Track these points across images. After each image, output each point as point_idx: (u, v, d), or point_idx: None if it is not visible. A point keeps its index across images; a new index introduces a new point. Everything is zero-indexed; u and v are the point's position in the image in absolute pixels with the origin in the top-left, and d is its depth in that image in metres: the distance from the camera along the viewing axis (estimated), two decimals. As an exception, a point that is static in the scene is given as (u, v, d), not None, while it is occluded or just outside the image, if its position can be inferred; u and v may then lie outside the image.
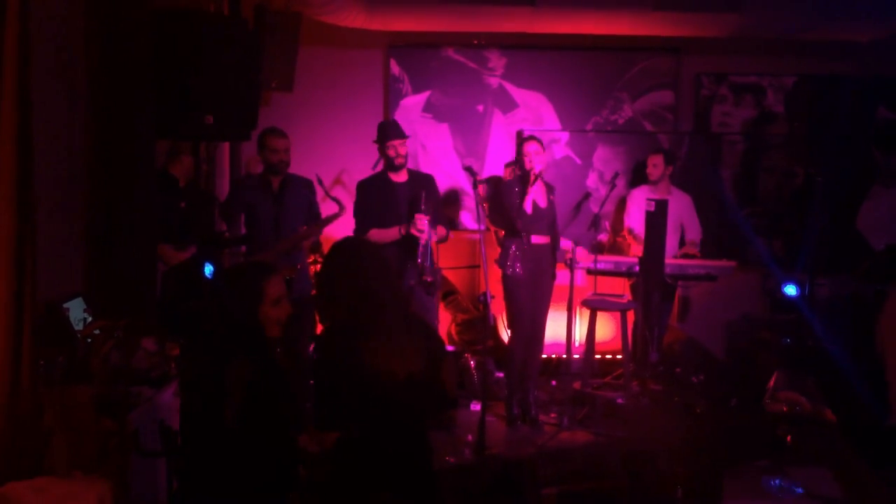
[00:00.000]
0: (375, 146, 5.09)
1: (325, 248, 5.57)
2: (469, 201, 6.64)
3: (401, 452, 2.68)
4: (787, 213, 6.57)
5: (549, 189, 5.38)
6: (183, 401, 2.64)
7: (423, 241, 4.80)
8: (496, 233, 5.99)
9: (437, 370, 2.75)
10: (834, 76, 6.49)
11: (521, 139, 5.33)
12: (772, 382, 4.73)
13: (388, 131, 5.00)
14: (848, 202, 6.33)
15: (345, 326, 2.67)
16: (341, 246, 2.81)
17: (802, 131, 6.12)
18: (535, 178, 5.13)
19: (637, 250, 5.90)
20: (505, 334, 5.79)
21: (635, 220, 6.02)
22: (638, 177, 6.36)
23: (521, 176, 5.25)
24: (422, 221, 4.79)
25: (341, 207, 4.92)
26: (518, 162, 5.34)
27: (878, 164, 6.45)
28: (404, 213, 4.89)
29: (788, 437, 4.35)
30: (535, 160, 5.15)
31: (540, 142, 5.27)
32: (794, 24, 5.98)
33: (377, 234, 4.89)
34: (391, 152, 4.94)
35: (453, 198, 6.65)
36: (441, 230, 5.06)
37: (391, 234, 4.86)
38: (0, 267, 2.51)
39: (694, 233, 5.95)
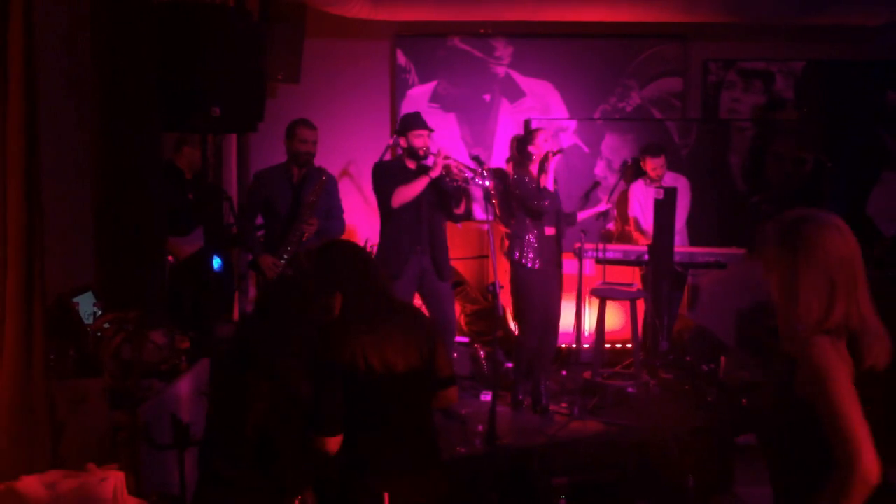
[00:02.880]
0: (384, 136, 5.07)
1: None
2: (476, 191, 6.62)
3: (406, 442, 2.67)
4: (796, 200, 6.53)
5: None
6: (211, 400, 2.65)
7: (454, 165, 4.78)
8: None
9: (432, 354, 2.73)
10: (843, 61, 6.45)
11: (529, 131, 5.29)
12: (722, 365, 5.08)
13: (414, 120, 4.95)
14: (858, 187, 6.29)
15: (328, 324, 2.66)
16: (315, 250, 2.83)
17: (812, 117, 6.09)
18: (555, 154, 5.09)
19: (642, 242, 5.89)
20: (513, 325, 5.78)
21: (639, 211, 5.99)
22: (637, 170, 6.33)
23: (543, 161, 5.22)
24: (435, 148, 4.78)
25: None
26: (522, 151, 5.32)
27: (888, 149, 6.40)
28: (421, 198, 4.86)
29: (744, 401, 4.96)
30: (552, 146, 5.18)
31: (547, 130, 5.31)
32: (803, 8, 5.93)
33: (404, 190, 4.79)
34: (419, 142, 4.87)
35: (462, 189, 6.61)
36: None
37: (419, 183, 4.77)
38: (10, 262, 2.51)
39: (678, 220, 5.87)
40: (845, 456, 1.84)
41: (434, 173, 4.76)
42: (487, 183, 4.85)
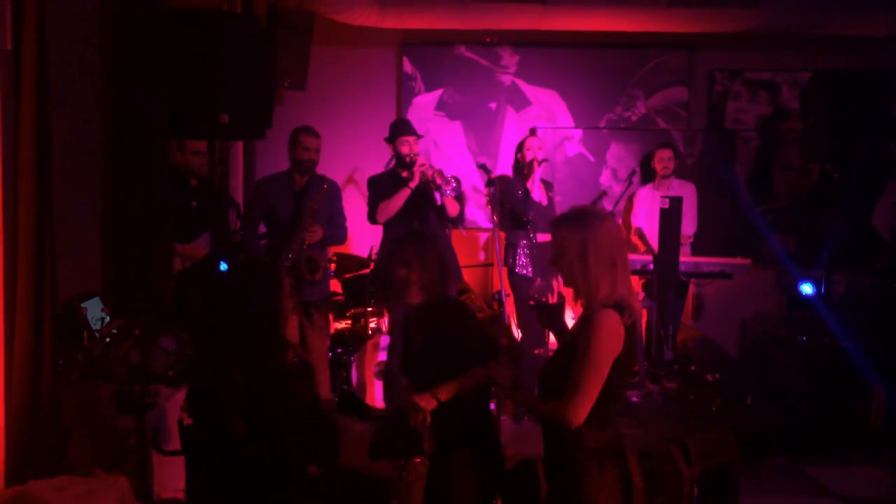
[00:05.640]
0: (388, 145, 5.08)
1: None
2: (483, 199, 6.63)
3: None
4: (802, 210, 6.53)
5: (548, 186, 5.39)
6: (192, 406, 2.64)
7: (429, 172, 4.78)
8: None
9: None
10: (849, 71, 6.44)
11: (522, 139, 5.40)
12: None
13: (400, 127, 4.99)
14: (864, 198, 6.28)
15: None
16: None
17: (817, 127, 6.08)
18: (540, 163, 5.15)
19: (642, 249, 5.90)
20: (517, 332, 5.78)
21: (643, 220, 6.00)
22: (644, 175, 6.35)
23: (524, 168, 5.27)
24: (420, 158, 4.80)
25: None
26: (517, 159, 5.37)
27: (894, 160, 6.39)
28: (412, 208, 4.88)
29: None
30: (538, 154, 5.22)
31: (539, 139, 5.41)
32: (811, 19, 5.94)
33: (386, 204, 4.85)
34: (405, 149, 4.91)
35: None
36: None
37: (400, 195, 4.82)
38: (21, 267, 2.52)
39: (688, 226, 5.92)
40: (569, 398, 2.31)
41: (413, 183, 4.79)
42: (451, 193, 4.87)
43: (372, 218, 4.96)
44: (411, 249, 2.90)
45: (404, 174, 4.89)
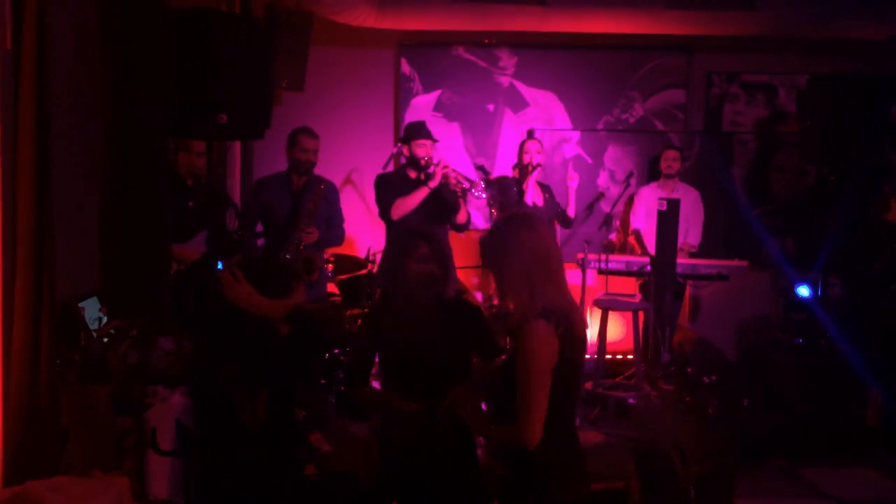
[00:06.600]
0: (387, 145, 5.08)
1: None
2: (480, 200, 6.62)
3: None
4: (799, 213, 6.54)
5: (545, 188, 5.40)
6: (197, 403, 2.64)
7: (452, 175, 4.78)
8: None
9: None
10: (847, 74, 6.46)
11: (523, 140, 5.43)
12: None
13: (417, 130, 4.97)
14: (861, 201, 6.30)
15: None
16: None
17: (814, 130, 6.10)
18: (533, 169, 5.17)
19: (638, 251, 5.92)
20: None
21: (643, 220, 6.00)
22: (651, 175, 6.35)
23: (520, 171, 5.30)
24: (436, 158, 4.79)
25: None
26: (518, 161, 5.40)
27: (892, 164, 6.41)
28: (423, 209, 4.87)
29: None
30: (535, 157, 5.24)
31: (539, 142, 5.41)
32: (808, 22, 5.96)
33: (402, 202, 4.80)
34: (421, 151, 4.88)
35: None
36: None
37: (418, 194, 4.78)
38: (20, 267, 2.52)
39: (694, 237, 5.94)
40: (520, 422, 2.27)
41: (433, 183, 4.78)
42: (484, 195, 4.88)
43: (385, 215, 4.92)
44: (428, 246, 2.89)
45: (421, 176, 4.88)
